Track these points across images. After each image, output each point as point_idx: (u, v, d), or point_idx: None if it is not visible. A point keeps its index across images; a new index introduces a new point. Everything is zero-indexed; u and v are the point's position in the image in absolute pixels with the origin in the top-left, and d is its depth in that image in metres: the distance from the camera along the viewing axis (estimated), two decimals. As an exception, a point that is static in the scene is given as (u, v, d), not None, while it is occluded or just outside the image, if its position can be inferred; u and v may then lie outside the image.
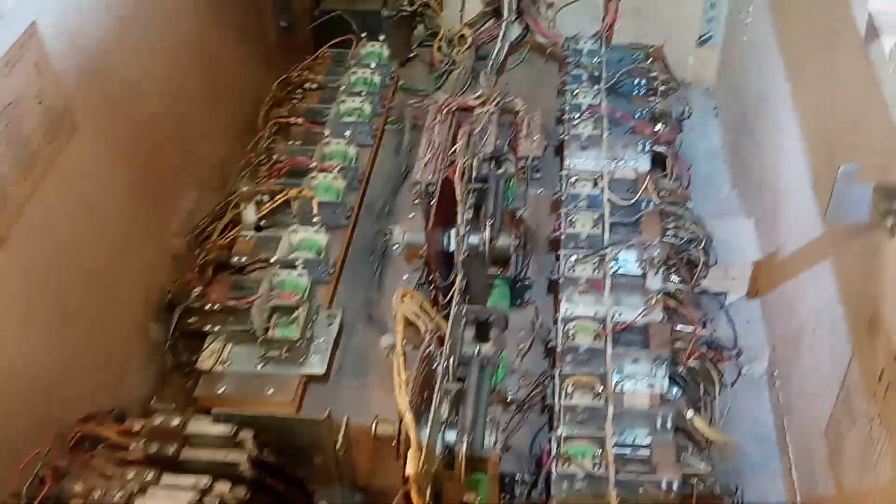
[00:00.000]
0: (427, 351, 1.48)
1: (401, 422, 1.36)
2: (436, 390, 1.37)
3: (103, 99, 1.76)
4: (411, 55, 2.65)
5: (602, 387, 1.55)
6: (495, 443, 1.45)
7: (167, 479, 1.30)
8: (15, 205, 1.48)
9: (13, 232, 1.47)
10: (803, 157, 1.68)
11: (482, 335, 1.54)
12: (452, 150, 1.83)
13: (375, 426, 1.46)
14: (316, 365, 1.68)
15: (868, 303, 1.30)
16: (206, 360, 1.69)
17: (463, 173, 1.69)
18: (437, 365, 1.48)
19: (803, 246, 1.65)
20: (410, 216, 2.17)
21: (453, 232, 1.71)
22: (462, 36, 2.58)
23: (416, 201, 2.14)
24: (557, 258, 1.83)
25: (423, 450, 1.27)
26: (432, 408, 1.33)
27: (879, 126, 1.29)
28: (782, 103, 1.87)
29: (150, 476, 1.29)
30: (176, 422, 1.35)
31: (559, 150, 2.19)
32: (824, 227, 1.50)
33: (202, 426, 1.36)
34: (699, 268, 1.85)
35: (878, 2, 1.32)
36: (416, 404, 1.42)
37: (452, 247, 1.74)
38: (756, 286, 1.94)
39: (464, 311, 1.51)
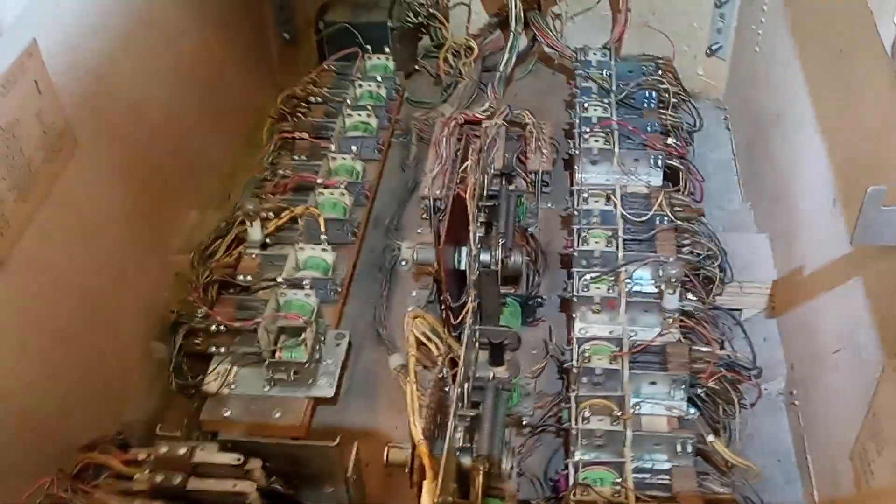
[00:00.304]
0: (440, 374, 1.44)
1: (414, 449, 1.32)
2: (451, 417, 1.32)
3: (104, 117, 1.73)
4: (416, 67, 2.61)
5: (619, 410, 1.51)
6: (512, 469, 1.41)
7: (173, 510, 1.26)
8: (14, 228, 1.43)
9: (12, 256, 1.43)
10: (823, 173, 1.64)
11: (496, 358, 1.50)
12: (462, 166, 1.78)
13: (387, 453, 1.42)
14: (325, 387, 1.63)
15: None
16: (211, 383, 1.65)
17: (474, 190, 1.64)
18: (450, 389, 1.44)
19: (824, 265, 1.60)
20: (418, 231, 2.13)
21: (464, 250, 1.67)
22: (468, 47, 2.54)
23: (424, 216, 2.11)
24: (570, 276, 1.79)
25: (439, 480, 1.23)
26: (447, 436, 1.29)
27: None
28: (800, 117, 1.83)
29: (156, 508, 1.25)
30: (182, 451, 1.31)
31: (568, 164, 2.16)
32: (848, 246, 1.46)
33: (209, 455, 1.32)
34: (715, 285, 1.81)
35: (904, 15, 1.28)
36: (430, 430, 1.38)
37: (463, 265, 1.69)
38: (774, 304, 1.89)
39: (477, 334, 1.47)
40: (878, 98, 1.41)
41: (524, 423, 1.58)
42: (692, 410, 1.59)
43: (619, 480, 1.42)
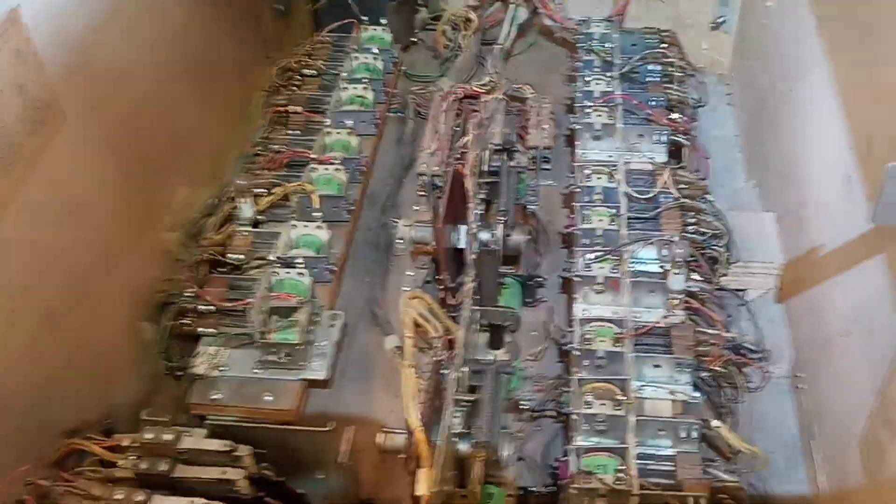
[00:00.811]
0: (438, 357, 1.39)
1: (410, 435, 1.27)
2: (447, 401, 1.27)
3: (91, 88, 1.66)
4: (414, 40, 2.54)
5: (622, 394, 1.46)
6: (511, 455, 1.36)
7: (158, 500, 1.21)
8: (-2, 201, 1.38)
9: (-4, 231, 1.37)
10: (837, 150, 1.58)
11: (495, 341, 1.45)
12: (461, 141, 1.72)
13: (382, 439, 1.37)
14: (318, 370, 1.58)
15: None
16: (200, 365, 1.59)
17: (473, 166, 1.58)
18: (448, 372, 1.39)
19: (836, 245, 1.55)
20: (415, 208, 2.07)
21: (463, 229, 1.61)
22: (467, 19, 2.47)
23: (421, 193, 2.04)
24: (571, 255, 1.74)
25: (437, 468, 1.18)
26: (444, 421, 1.24)
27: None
28: (814, 93, 1.76)
29: (139, 497, 1.20)
30: (168, 436, 1.26)
31: (569, 139, 2.10)
32: (863, 225, 1.40)
33: (197, 441, 1.27)
34: (721, 265, 1.76)
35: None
36: (427, 415, 1.33)
37: (461, 244, 1.64)
38: (782, 288, 1.84)
39: (476, 316, 1.41)
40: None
41: (524, 407, 1.53)
42: (697, 394, 1.55)
43: (622, 467, 1.37)
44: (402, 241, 1.95)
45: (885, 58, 1.42)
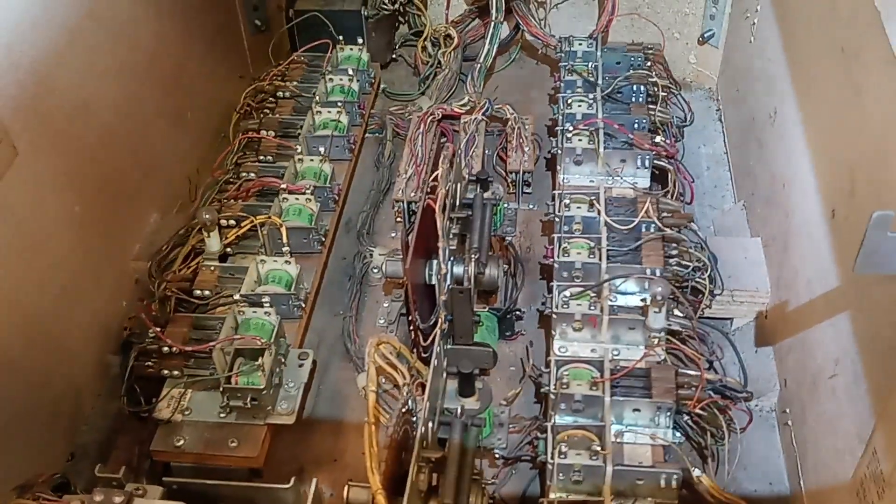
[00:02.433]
0: (405, 407, 1.33)
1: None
2: (413, 458, 1.21)
3: (47, 121, 1.60)
4: (394, 56, 2.47)
5: (599, 443, 1.40)
6: (480, 508, 1.30)
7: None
8: (-54, 246, 1.32)
9: (-56, 279, 1.31)
10: (822, 180, 1.52)
11: (465, 389, 1.39)
12: (433, 175, 1.66)
13: (347, 493, 1.31)
14: (283, 414, 1.52)
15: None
16: (163, 410, 1.54)
17: (445, 202, 1.52)
18: (415, 422, 1.33)
19: (822, 283, 1.49)
20: (391, 235, 2.02)
21: (435, 264, 1.55)
22: (447, 36, 2.41)
23: (398, 219, 1.99)
24: (549, 289, 1.68)
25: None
26: (409, 480, 1.18)
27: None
28: (797, 118, 1.70)
29: (88, 565, 1.14)
30: (118, 498, 1.20)
31: (550, 163, 2.03)
32: (847, 265, 1.34)
33: (149, 503, 1.21)
34: (704, 297, 1.70)
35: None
36: (393, 469, 1.27)
37: (434, 280, 1.58)
38: (768, 317, 1.79)
39: (445, 364, 1.35)
40: (884, 102, 1.29)
41: (497, 455, 1.47)
42: (678, 435, 1.49)
43: (598, 521, 1.32)
44: (377, 271, 1.90)
45: (864, 84, 1.36)
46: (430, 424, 1.25)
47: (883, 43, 1.25)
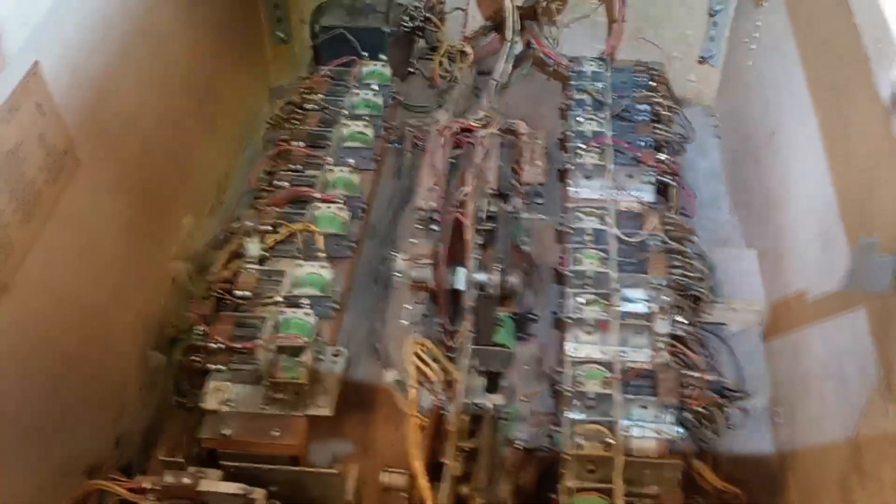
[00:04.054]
0: (438, 401, 1.47)
1: (413, 479, 1.36)
2: (449, 448, 1.36)
3: (104, 131, 1.73)
4: (411, 70, 2.61)
5: (610, 436, 1.55)
6: (508, 494, 1.45)
7: (180, 540, 1.30)
8: (18, 251, 1.45)
9: (16, 279, 1.44)
10: (813, 202, 1.67)
11: (492, 386, 1.54)
12: (461, 190, 1.80)
13: (386, 478, 1.46)
14: (323, 406, 1.66)
15: (882, 367, 1.30)
16: (210, 400, 1.67)
17: (473, 216, 1.67)
18: (448, 415, 1.48)
19: (812, 294, 1.64)
20: (411, 241, 2.15)
21: (461, 271, 1.70)
22: (463, 52, 2.55)
23: (419, 227, 2.12)
24: (563, 294, 1.82)
25: (439, 514, 1.27)
26: (445, 468, 1.33)
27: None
28: (792, 142, 1.86)
29: (162, 538, 1.28)
30: (187, 480, 1.34)
31: (562, 176, 2.18)
32: (831, 281, 1.49)
33: (213, 484, 1.35)
34: (704, 304, 1.85)
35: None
36: (427, 457, 1.42)
37: (460, 285, 1.72)
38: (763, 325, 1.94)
39: (476, 363, 1.50)
40: (869, 137, 1.44)
41: (518, 446, 1.62)
42: (681, 430, 1.64)
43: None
44: (400, 275, 2.03)
45: (852, 121, 1.51)
46: (463, 417, 1.39)
47: (869, 83, 1.40)
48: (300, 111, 2.24)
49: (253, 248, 1.85)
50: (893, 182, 1.30)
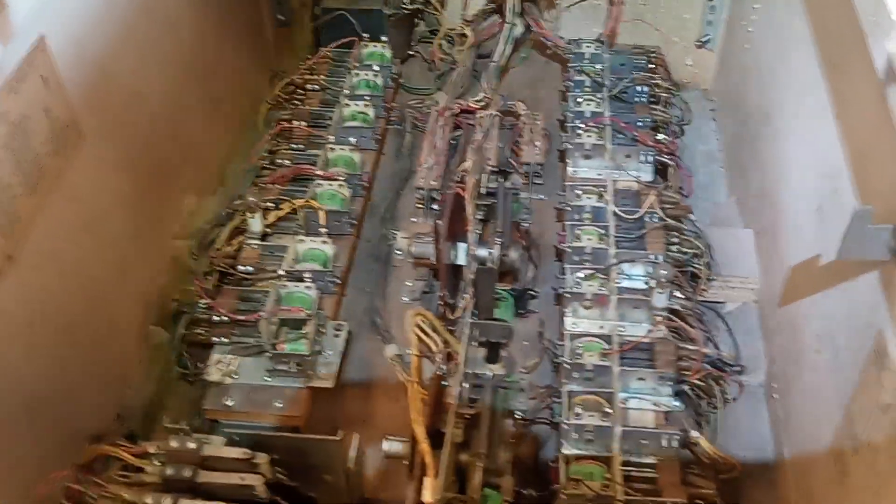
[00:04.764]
0: (439, 371, 1.49)
1: (414, 443, 1.38)
2: (450, 415, 1.38)
3: (108, 108, 1.75)
4: (411, 52, 2.63)
5: (609, 407, 1.58)
6: (508, 462, 1.47)
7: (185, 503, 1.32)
8: (25, 222, 1.47)
9: (22, 251, 1.46)
10: (809, 179, 1.69)
11: (492, 356, 1.56)
12: (461, 166, 1.82)
13: (387, 445, 1.48)
14: (325, 378, 1.68)
15: (876, 335, 1.33)
16: (214, 372, 1.69)
17: (473, 190, 1.69)
18: (449, 385, 1.50)
19: (807, 268, 1.66)
20: (412, 220, 2.17)
21: (462, 246, 1.72)
22: (462, 34, 2.56)
23: (419, 206, 2.15)
24: (562, 270, 1.85)
25: (441, 477, 1.29)
26: (447, 434, 1.35)
27: (891, 169, 1.30)
28: (788, 122, 1.88)
29: (167, 501, 1.30)
30: (192, 444, 1.36)
31: (561, 156, 2.20)
32: (830, 254, 1.52)
33: (218, 449, 1.37)
34: (701, 281, 1.88)
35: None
36: (428, 425, 1.44)
37: (461, 261, 1.74)
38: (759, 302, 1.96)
39: (476, 333, 1.52)
40: (864, 114, 1.46)
41: (517, 415, 1.64)
42: (678, 403, 1.66)
43: (609, 476, 1.49)
44: (400, 253, 2.05)
45: (849, 97, 1.53)
46: (464, 384, 1.42)
47: (865, 57, 1.42)
48: (301, 91, 2.25)
49: (255, 223, 1.87)
50: (888, 153, 1.32)
